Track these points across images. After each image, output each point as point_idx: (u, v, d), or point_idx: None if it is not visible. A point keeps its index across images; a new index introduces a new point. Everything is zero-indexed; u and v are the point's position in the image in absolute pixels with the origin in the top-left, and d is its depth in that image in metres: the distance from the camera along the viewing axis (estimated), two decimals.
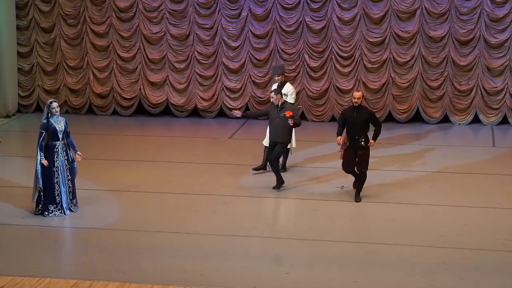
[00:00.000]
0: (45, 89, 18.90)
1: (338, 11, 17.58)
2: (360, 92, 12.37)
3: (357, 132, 12.17)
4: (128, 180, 13.70)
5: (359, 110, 12.20)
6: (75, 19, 18.48)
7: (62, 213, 11.91)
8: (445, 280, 9.73)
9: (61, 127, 11.85)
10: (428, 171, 14.26)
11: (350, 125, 12.22)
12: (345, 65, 17.82)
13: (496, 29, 17.21)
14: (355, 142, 12.22)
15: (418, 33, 17.44)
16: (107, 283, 9.60)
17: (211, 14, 18.06)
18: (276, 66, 15.39)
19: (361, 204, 12.46)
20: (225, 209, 12.31)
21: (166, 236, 11.21)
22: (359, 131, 12.17)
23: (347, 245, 10.86)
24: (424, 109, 17.79)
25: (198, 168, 14.40)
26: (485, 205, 12.45)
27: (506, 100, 17.48)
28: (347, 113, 12.34)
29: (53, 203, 11.88)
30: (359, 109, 12.21)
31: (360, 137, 12.18)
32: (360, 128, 12.18)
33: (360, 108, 12.22)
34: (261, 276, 9.88)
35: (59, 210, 11.91)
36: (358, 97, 12.16)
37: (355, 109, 12.21)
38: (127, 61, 18.55)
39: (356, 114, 12.17)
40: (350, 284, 9.65)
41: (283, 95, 13.53)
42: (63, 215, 11.89)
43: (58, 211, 11.91)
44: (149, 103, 18.64)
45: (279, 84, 13.88)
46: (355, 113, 12.18)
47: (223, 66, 18.25)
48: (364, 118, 12.18)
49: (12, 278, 9.73)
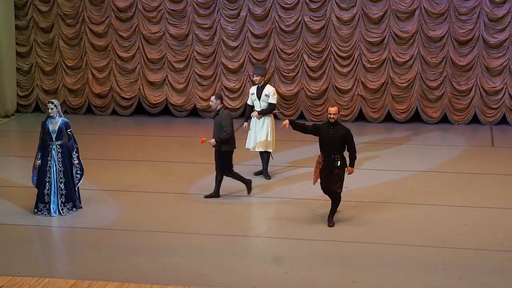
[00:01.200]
0: (44, 89, 18.90)
1: (337, 11, 17.58)
2: (336, 107, 11.33)
3: (333, 150, 11.20)
4: (127, 180, 13.70)
5: (335, 127, 11.23)
6: (74, 19, 18.48)
7: (48, 213, 11.87)
8: (444, 280, 9.73)
9: (55, 127, 11.78)
10: (427, 171, 14.26)
11: (325, 143, 11.25)
12: (344, 65, 17.82)
13: (495, 29, 17.21)
14: (330, 161, 11.25)
15: (417, 33, 17.45)
16: (106, 283, 9.60)
17: (210, 14, 18.06)
18: (257, 66, 14.90)
19: (360, 204, 12.46)
20: (224, 209, 12.31)
21: (165, 236, 11.21)
22: (335, 150, 11.21)
23: (346, 245, 10.86)
24: (423, 109, 17.79)
25: (197, 168, 14.40)
26: (484, 205, 12.45)
27: (505, 100, 17.49)
28: (323, 129, 11.37)
29: (42, 201, 11.89)
30: (336, 125, 11.24)
31: (336, 156, 11.23)
32: (336, 146, 11.21)
33: (336, 125, 11.24)
34: (260, 276, 9.88)
35: (48, 210, 11.88)
36: (334, 113, 11.18)
37: (332, 126, 11.24)
38: (126, 61, 18.54)
39: (333, 131, 11.21)
40: (349, 284, 9.66)
41: (265, 96, 13.48)
42: (49, 216, 11.83)
43: (46, 211, 11.89)
44: (148, 103, 18.64)
45: (258, 86, 13.68)
46: (332, 130, 11.23)
47: (222, 66, 18.25)
48: (341, 135, 11.18)
49: (11, 278, 9.72)
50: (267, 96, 13.56)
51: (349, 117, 17.97)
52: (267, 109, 13.64)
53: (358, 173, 14.03)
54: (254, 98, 13.71)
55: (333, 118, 11.20)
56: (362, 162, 14.72)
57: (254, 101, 13.74)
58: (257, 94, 13.66)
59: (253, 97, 13.73)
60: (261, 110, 13.63)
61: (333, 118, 11.19)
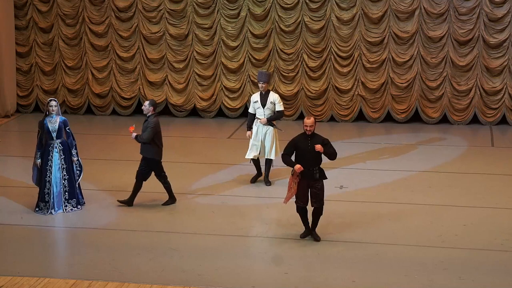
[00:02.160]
0: (43, 89, 18.90)
1: (337, 11, 17.58)
2: (312, 118, 10.81)
3: (311, 163, 10.73)
4: (127, 180, 13.69)
5: (313, 139, 10.77)
6: (74, 19, 18.48)
7: (49, 212, 11.93)
8: (444, 280, 9.73)
9: (54, 126, 11.84)
10: (427, 171, 14.26)
11: (303, 156, 10.75)
12: (344, 65, 17.82)
13: (495, 29, 17.21)
14: (309, 174, 10.77)
15: (417, 33, 17.44)
16: (106, 283, 9.60)
17: (210, 14, 18.06)
18: (263, 71, 13.86)
19: (359, 204, 12.47)
20: (223, 209, 12.31)
21: (165, 236, 11.21)
22: (313, 162, 10.75)
23: (345, 245, 10.86)
24: (423, 109, 17.79)
25: (196, 168, 14.40)
26: (483, 205, 12.45)
27: (505, 100, 17.49)
28: (300, 142, 10.83)
29: (42, 200, 11.96)
30: (313, 137, 10.79)
31: (314, 169, 10.76)
32: (314, 158, 10.75)
33: (314, 137, 10.79)
34: (259, 276, 9.89)
35: (47, 209, 11.94)
36: (310, 125, 10.71)
37: (309, 138, 10.77)
38: (126, 60, 18.54)
39: (311, 143, 10.74)
40: (349, 284, 9.66)
41: (271, 104, 13.10)
42: (50, 214, 11.91)
43: (46, 210, 11.95)
44: None
45: (262, 93, 13.26)
46: (309, 142, 10.75)
47: (222, 66, 18.25)
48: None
49: (11, 278, 9.73)
50: (272, 103, 13.21)
51: (349, 117, 17.97)
52: (275, 116, 13.30)
53: (358, 173, 14.07)
54: (258, 106, 13.29)
55: (310, 131, 10.75)
56: (362, 162, 14.75)
57: (257, 109, 13.32)
58: (261, 102, 13.25)
59: (257, 105, 13.30)
60: (270, 117, 13.24)
61: (309, 130, 10.75)
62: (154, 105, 12.28)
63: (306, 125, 10.76)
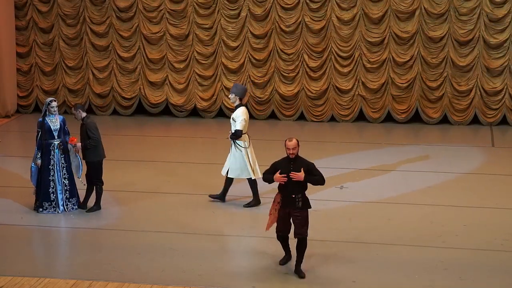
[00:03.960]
0: (43, 89, 18.91)
1: (338, 11, 17.58)
2: (294, 140, 9.66)
3: (294, 189, 9.65)
4: (127, 180, 13.70)
5: (296, 163, 9.67)
6: (74, 19, 18.48)
7: (56, 211, 11.97)
8: (444, 280, 9.73)
9: (56, 125, 11.89)
10: (427, 171, 14.26)
11: (285, 182, 9.64)
12: (344, 65, 17.82)
13: (496, 30, 17.21)
14: (290, 202, 9.69)
15: (417, 33, 17.44)
16: (106, 283, 9.60)
17: (210, 14, 18.06)
18: (236, 84, 12.61)
19: (359, 204, 12.46)
20: (223, 209, 12.31)
21: (165, 236, 11.21)
22: (296, 189, 9.66)
23: (345, 245, 10.85)
24: (423, 110, 17.79)
25: (197, 168, 14.40)
26: (483, 205, 12.45)
27: (505, 100, 17.48)
28: (282, 166, 9.69)
29: (47, 200, 11.95)
30: (296, 161, 9.68)
31: (297, 196, 9.69)
32: (298, 185, 9.65)
33: (297, 160, 9.69)
34: (259, 276, 9.88)
35: (53, 208, 11.96)
36: (293, 147, 9.61)
37: (292, 162, 9.66)
38: (127, 61, 18.55)
39: (293, 167, 9.62)
40: (349, 284, 9.65)
41: (232, 119, 11.99)
42: (57, 212, 11.96)
43: (52, 209, 11.96)
44: (149, 103, 18.64)
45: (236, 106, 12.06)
46: (292, 166, 9.64)
47: (223, 66, 18.26)
48: (304, 172, 9.66)
49: (11, 278, 9.73)
50: (233, 120, 12.05)
51: (350, 117, 17.97)
52: (231, 134, 12.16)
53: (358, 173, 14.06)
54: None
55: (293, 153, 9.66)
56: (362, 162, 14.75)
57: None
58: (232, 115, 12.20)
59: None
60: (230, 135, 12.22)
61: (292, 153, 9.65)
62: (82, 108, 12.15)
63: (289, 148, 9.62)
